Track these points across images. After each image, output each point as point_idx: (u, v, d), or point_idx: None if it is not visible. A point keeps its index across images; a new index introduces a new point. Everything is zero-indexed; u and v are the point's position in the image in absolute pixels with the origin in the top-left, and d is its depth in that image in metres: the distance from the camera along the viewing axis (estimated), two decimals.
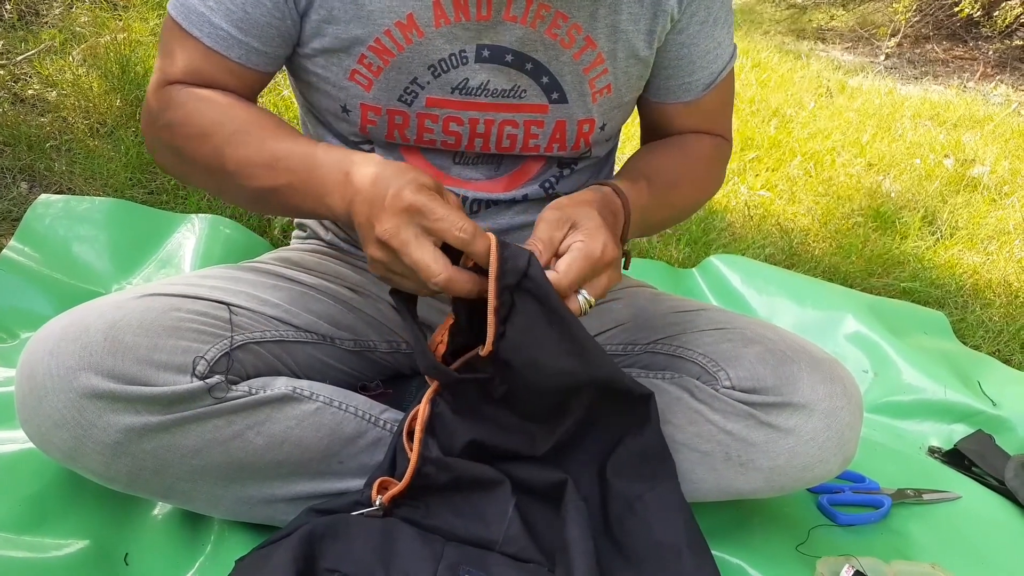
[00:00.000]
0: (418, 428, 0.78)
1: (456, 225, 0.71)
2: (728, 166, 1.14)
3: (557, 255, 0.77)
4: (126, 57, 1.93)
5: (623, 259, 0.87)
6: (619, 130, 1.08)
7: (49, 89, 1.85)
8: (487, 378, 0.77)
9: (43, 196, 1.43)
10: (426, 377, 0.81)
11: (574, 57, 0.89)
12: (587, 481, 0.84)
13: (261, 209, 0.92)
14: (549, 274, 0.74)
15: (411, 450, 0.80)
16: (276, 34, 0.86)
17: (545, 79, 0.89)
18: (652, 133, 1.07)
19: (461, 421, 0.80)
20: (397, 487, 0.79)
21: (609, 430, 0.84)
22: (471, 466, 0.81)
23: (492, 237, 0.73)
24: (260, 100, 2.08)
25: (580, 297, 0.76)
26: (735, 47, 1.02)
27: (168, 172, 0.94)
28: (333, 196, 0.78)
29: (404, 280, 0.75)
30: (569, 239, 0.77)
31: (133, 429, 0.74)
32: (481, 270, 0.74)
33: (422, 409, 0.79)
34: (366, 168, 0.76)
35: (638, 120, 1.08)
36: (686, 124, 1.04)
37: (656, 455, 0.85)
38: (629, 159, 1.02)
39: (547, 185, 0.99)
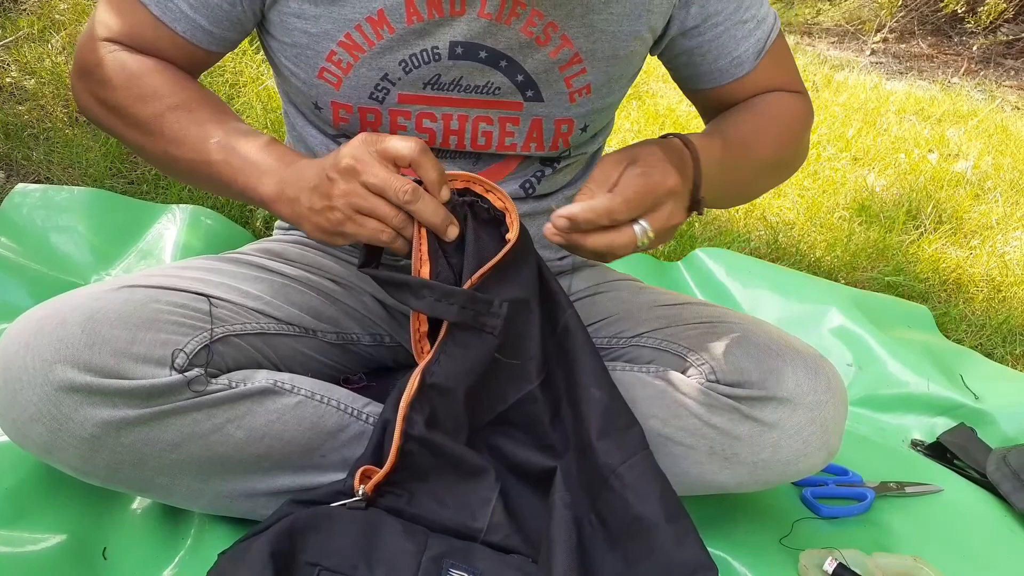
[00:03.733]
0: (403, 402, 0.77)
1: (404, 138, 0.74)
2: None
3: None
4: None
5: (697, 206, 0.84)
6: (607, 128, 1.06)
7: (27, 77, 1.82)
8: (488, 300, 0.78)
9: (20, 185, 1.41)
10: (417, 357, 0.80)
11: (550, 55, 0.87)
12: (573, 453, 0.84)
13: (185, 179, 0.95)
14: (602, 199, 0.72)
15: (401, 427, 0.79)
16: (225, 17, 0.85)
17: (520, 77, 0.88)
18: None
19: (457, 377, 0.79)
20: (382, 471, 0.78)
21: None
22: (455, 448, 0.80)
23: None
24: (243, 91, 2.06)
25: (637, 227, 0.74)
26: (775, 13, 0.98)
27: (93, 121, 0.94)
28: (268, 177, 0.80)
29: (365, 222, 0.75)
30: (627, 174, 0.75)
31: (111, 423, 0.73)
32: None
33: (412, 381, 0.77)
34: (307, 161, 0.80)
35: (628, 110, 1.07)
36: (749, 95, 1.00)
37: (623, 415, 0.84)
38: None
39: (527, 185, 0.98)
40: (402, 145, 0.75)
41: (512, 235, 0.79)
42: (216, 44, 0.88)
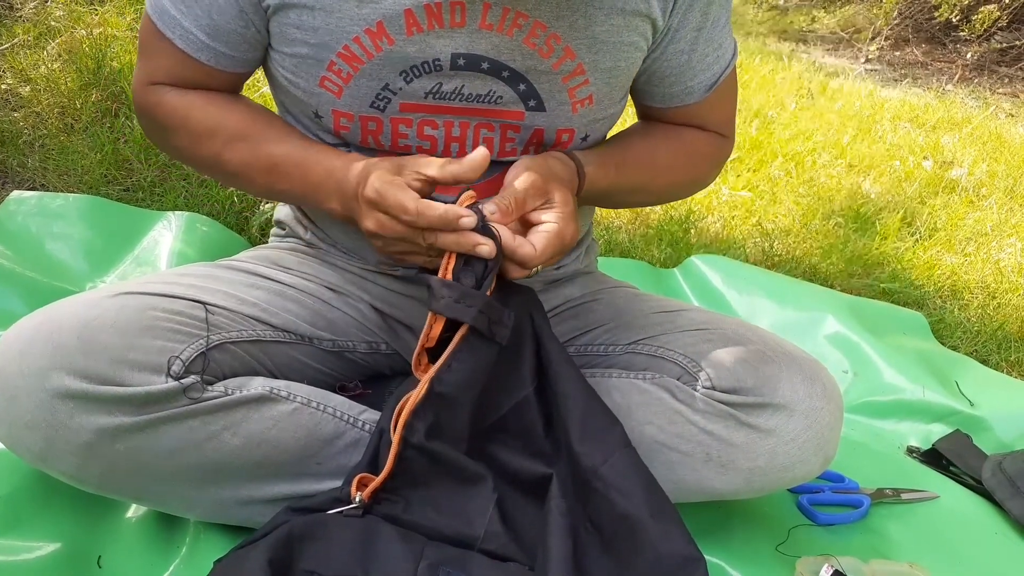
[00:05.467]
0: (408, 408, 0.77)
1: (400, 211, 0.77)
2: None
3: (527, 220, 0.83)
4: (102, 52, 1.90)
5: None
6: (603, 138, 1.06)
7: (23, 84, 1.82)
8: (501, 308, 0.80)
9: (15, 192, 1.41)
10: (414, 368, 0.80)
11: (553, 67, 0.87)
12: (564, 461, 0.83)
13: (272, 200, 1.00)
14: (527, 248, 0.79)
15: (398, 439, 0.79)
16: (242, 40, 0.87)
17: (522, 86, 0.88)
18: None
19: (463, 386, 0.79)
20: (379, 477, 0.78)
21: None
22: (453, 456, 0.80)
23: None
24: None
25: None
26: (735, 45, 1.01)
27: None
28: (332, 201, 0.87)
29: (405, 255, 0.81)
30: (543, 214, 0.82)
31: (106, 430, 0.73)
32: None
33: (420, 388, 0.77)
34: (346, 174, 0.84)
35: (621, 122, 1.07)
36: (688, 122, 1.03)
37: (601, 417, 0.84)
38: (624, 132, 1.04)
39: None
40: (430, 171, 0.79)
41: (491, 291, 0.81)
42: (240, 65, 0.90)
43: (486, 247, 0.77)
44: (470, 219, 0.76)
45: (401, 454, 0.77)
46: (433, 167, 0.79)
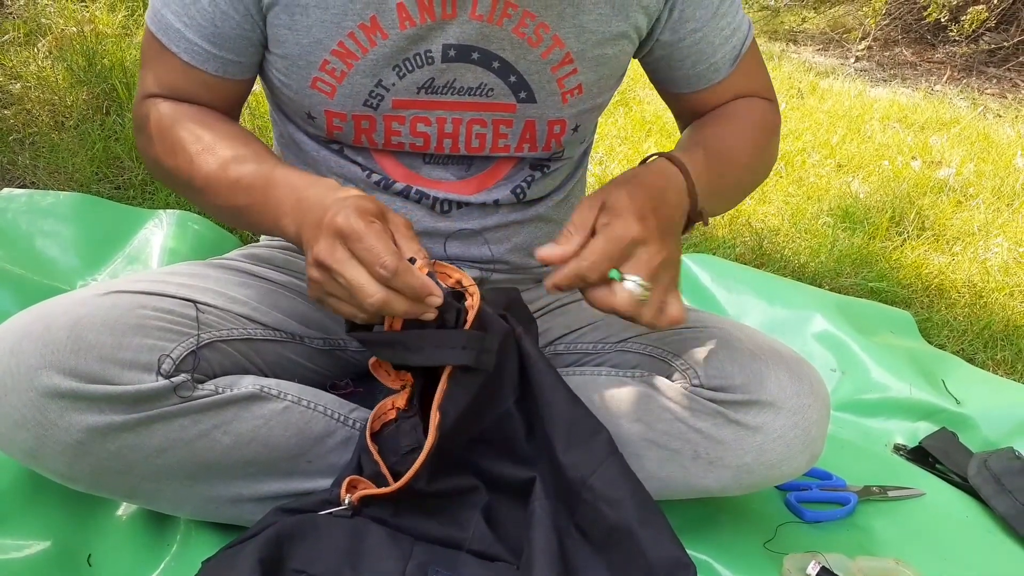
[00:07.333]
0: (419, 462, 0.76)
1: (378, 260, 0.68)
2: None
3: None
4: (93, 49, 1.90)
5: (699, 217, 0.86)
6: (593, 129, 1.07)
7: (13, 81, 1.81)
8: (481, 336, 0.76)
9: (6, 190, 1.40)
10: (372, 368, 0.80)
11: (541, 56, 0.88)
12: (547, 467, 0.83)
13: (231, 223, 0.95)
14: (572, 263, 0.74)
15: (375, 450, 0.79)
16: (248, 44, 0.87)
17: (512, 78, 0.89)
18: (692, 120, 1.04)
19: (455, 419, 0.78)
20: (374, 491, 0.78)
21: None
22: (450, 484, 0.81)
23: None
24: None
25: (628, 283, 0.74)
26: (749, 19, 1.00)
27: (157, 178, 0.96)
28: (286, 219, 0.79)
29: (342, 304, 0.73)
30: (600, 220, 0.76)
31: (96, 429, 0.73)
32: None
33: (428, 444, 0.75)
34: (314, 193, 0.77)
35: (614, 116, 1.07)
36: (724, 100, 1.02)
37: (586, 425, 0.83)
38: (680, 139, 1.01)
39: (518, 190, 0.98)
40: (374, 272, 0.70)
41: (473, 302, 0.76)
42: (247, 71, 0.90)
43: (431, 314, 0.72)
44: (436, 298, 0.71)
45: (403, 490, 0.77)
46: (411, 243, 0.73)
